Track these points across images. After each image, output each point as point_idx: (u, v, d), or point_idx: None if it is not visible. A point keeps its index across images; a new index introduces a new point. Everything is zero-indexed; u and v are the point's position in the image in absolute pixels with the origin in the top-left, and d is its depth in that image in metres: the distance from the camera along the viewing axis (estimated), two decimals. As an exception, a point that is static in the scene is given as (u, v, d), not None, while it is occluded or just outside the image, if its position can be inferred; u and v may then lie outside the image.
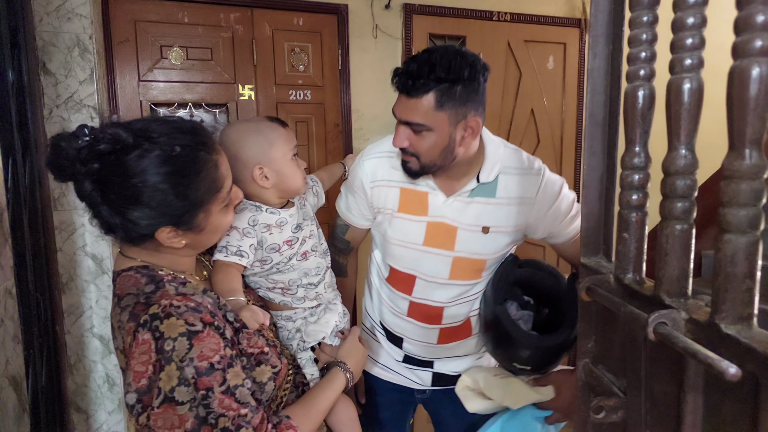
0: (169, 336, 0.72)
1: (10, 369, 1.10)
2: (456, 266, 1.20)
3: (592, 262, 0.66)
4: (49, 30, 1.79)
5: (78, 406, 1.94)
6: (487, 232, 1.17)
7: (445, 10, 2.43)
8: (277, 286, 1.12)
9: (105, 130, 0.75)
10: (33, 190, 1.62)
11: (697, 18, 0.45)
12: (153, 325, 0.72)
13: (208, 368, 0.74)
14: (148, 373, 0.72)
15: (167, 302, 0.74)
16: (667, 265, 0.50)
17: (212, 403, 0.73)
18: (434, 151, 1.07)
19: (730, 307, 0.43)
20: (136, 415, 0.73)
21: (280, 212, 1.09)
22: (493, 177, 1.16)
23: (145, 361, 0.72)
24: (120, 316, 0.77)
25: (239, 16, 2.17)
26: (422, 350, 1.32)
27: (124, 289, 0.80)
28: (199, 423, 0.72)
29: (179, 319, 0.74)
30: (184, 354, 0.72)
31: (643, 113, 0.54)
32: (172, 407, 0.71)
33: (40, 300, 1.59)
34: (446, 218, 1.18)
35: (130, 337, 0.73)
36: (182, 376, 0.72)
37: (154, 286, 0.79)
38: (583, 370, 0.69)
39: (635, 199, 0.56)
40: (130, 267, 0.82)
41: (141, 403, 0.72)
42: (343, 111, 2.37)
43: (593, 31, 0.63)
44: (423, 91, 1.01)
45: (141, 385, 0.72)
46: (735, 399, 0.45)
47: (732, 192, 0.41)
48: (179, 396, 0.72)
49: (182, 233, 0.82)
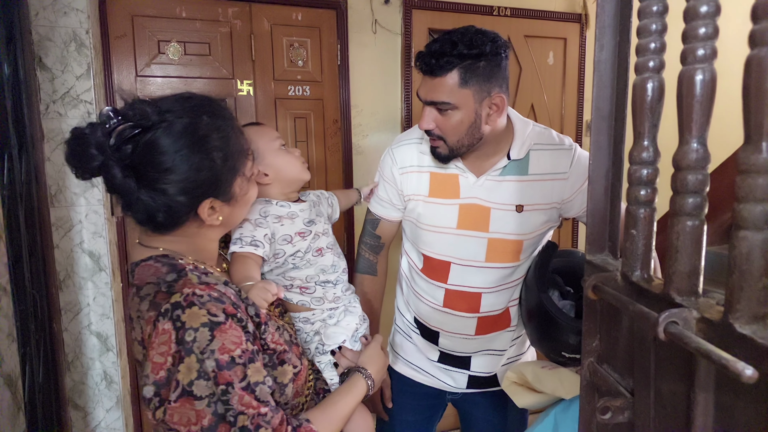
0: (190, 326, 0.69)
1: (5, 367, 1.08)
2: (492, 248, 1.17)
3: (598, 260, 0.65)
4: (45, 24, 1.77)
5: (75, 404, 1.93)
6: (521, 210, 1.15)
7: (445, 5, 2.41)
8: (294, 284, 1.10)
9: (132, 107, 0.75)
10: (29, 186, 1.60)
11: (710, 6, 0.44)
12: (174, 314, 0.70)
13: (229, 362, 0.71)
14: (167, 365, 0.69)
15: (190, 291, 0.72)
16: (677, 263, 0.49)
17: (232, 399, 0.70)
18: (461, 129, 1.07)
19: (745, 306, 0.41)
20: (153, 409, 0.70)
21: (291, 205, 1.10)
22: (524, 154, 1.15)
23: (164, 352, 0.69)
24: (139, 306, 0.74)
25: (237, 11, 2.15)
26: (459, 344, 1.27)
27: (143, 278, 0.77)
28: (217, 420, 0.69)
29: (201, 309, 0.70)
30: (205, 346, 0.69)
31: (652, 106, 0.53)
32: (189, 401, 0.68)
33: (37, 297, 1.57)
34: (479, 199, 1.17)
35: (149, 326, 0.71)
36: (202, 369, 0.69)
37: (175, 274, 0.76)
38: (587, 369, 0.68)
39: (644, 194, 0.54)
40: (149, 257, 0.80)
41: (158, 396, 0.69)
42: (342, 107, 2.35)
43: (600, 22, 0.61)
44: (447, 69, 1.02)
45: (159, 377, 0.69)
46: (749, 400, 0.43)
47: (748, 187, 0.40)
48: (198, 390, 0.68)
49: (220, 205, 0.81)
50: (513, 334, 1.30)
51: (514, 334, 1.30)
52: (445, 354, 1.31)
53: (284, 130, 2.29)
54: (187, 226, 0.81)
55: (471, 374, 1.31)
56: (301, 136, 2.33)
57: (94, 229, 1.89)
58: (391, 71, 2.40)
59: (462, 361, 1.30)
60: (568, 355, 1.11)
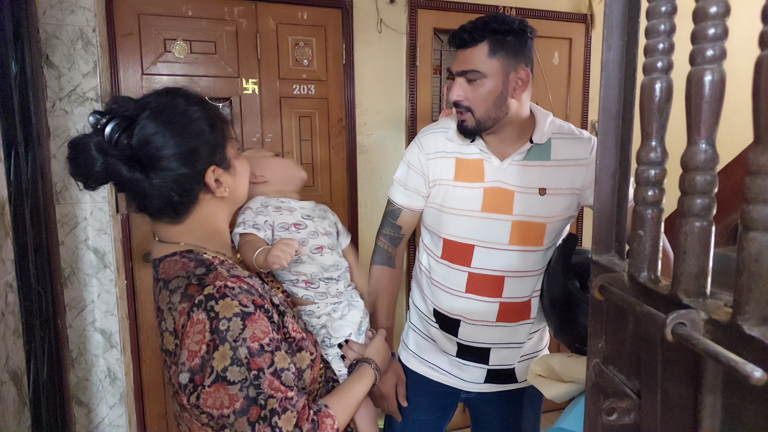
0: (224, 316, 0.74)
1: (11, 363, 1.09)
2: (516, 230, 1.21)
3: (605, 260, 0.65)
4: (52, 22, 1.78)
5: (79, 400, 1.94)
6: (544, 194, 1.20)
7: (450, 4, 2.41)
8: (300, 278, 1.14)
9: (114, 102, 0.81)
10: (35, 183, 1.61)
11: (720, 7, 0.44)
12: (208, 305, 0.74)
13: (259, 350, 0.76)
14: (202, 352, 0.73)
15: (222, 283, 0.76)
16: (685, 264, 0.48)
17: (263, 383, 0.75)
18: (489, 100, 1.14)
19: (754, 308, 0.41)
20: (187, 394, 0.74)
21: (291, 201, 1.18)
22: (546, 139, 1.20)
23: (199, 340, 0.73)
24: (170, 298, 0.78)
25: (243, 10, 2.15)
26: (479, 333, 1.27)
27: (170, 273, 0.81)
28: (248, 404, 0.74)
29: (234, 300, 0.75)
30: (237, 334, 0.74)
31: (660, 107, 0.53)
32: (223, 386, 0.73)
33: (42, 293, 1.58)
34: (503, 183, 1.21)
35: (183, 317, 0.74)
36: (235, 356, 0.73)
37: (204, 268, 0.80)
38: (593, 370, 0.68)
39: (651, 195, 0.54)
40: (173, 252, 0.84)
41: (193, 382, 0.73)
42: (347, 106, 2.35)
43: (608, 22, 0.61)
44: (477, 40, 1.11)
45: (194, 364, 0.73)
46: (757, 402, 0.43)
47: (758, 188, 0.39)
48: (231, 376, 0.73)
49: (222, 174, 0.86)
50: (531, 327, 1.30)
51: (533, 327, 1.30)
52: (464, 347, 1.30)
53: (289, 129, 2.29)
54: (200, 204, 0.86)
55: (490, 368, 1.31)
56: (306, 134, 2.33)
57: (98, 226, 1.90)
58: (396, 70, 2.40)
59: (481, 354, 1.30)
60: None
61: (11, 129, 1.49)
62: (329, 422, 0.84)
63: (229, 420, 0.74)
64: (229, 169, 0.88)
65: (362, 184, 2.42)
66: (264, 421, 0.74)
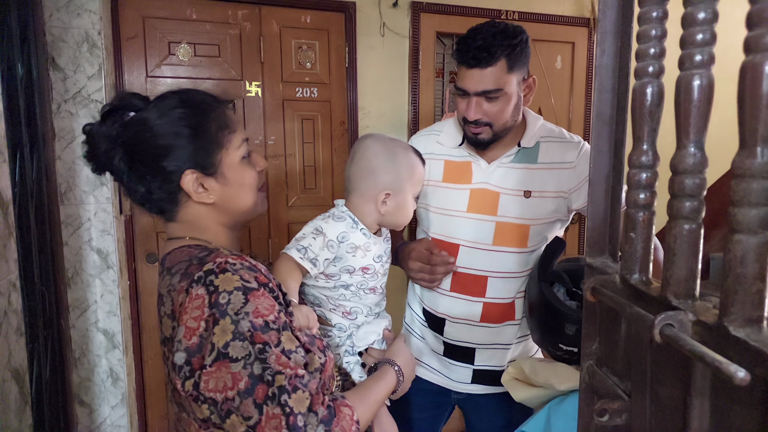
0: (224, 289, 0.69)
1: (13, 362, 1.10)
2: (499, 231, 1.23)
3: (598, 262, 0.65)
4: (58, 25, 1.80)
5: (82, 400, 1.95)
6: (528, 196, 1.22)
7: (452, 8, 2.42)
8: (338, 309, 1.08)
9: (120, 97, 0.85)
10: (40, 184, 1.63)
11: (708, 13, 0.44)
12: (207, 279, 0.70)
13: (263, 326, 0.70)
14: (200, 330, 0.68)
15: (222, 260, 0.73)
16: (674, 266, 0.49)
17: (269, 358, 0.68)
18: (507, 112, 1.16)
19: (740, 310, 0.42)
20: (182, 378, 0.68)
21: (372, 237, 1.08)
22: (534, 143, 1.23)
23: (197, 316, 0.69)
24: (170, 281, 0.76)
25: (247, 13, 2.17)
26: (464, 333, 1.29)
27: (174, 261, 0.81)
28: (253, 382, 0.67)
29: (234, 275, 0.71)
30: (239, 308, 0.69)
31: (651, 111, 0.53)
32: (225, 365, 0.67)
33: (46, 293, 1.60)
34: (489, 184, 1.24)
35: (182, 294, 0.71)
36: (237, 330, 0.68)
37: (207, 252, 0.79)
38: (587, 372, 0.68)
39: (642, 198, 0.55)
40: (181, 246, 0.84)
41: (189, 365, 0.68)
42: (350, 109, 2.36)
43: (601, 27, 0.61)
44: (497, 58, 1.10)
45: (191, 344, 0.68)
46: (744, 404, 0.43)
47: (743, 191, 0.40)
48: (233, 352, 0.67)
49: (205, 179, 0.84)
50: (518, 330, 1.31)
51: (520, 330, 1.31)
52: (450, 346, 1.32)
53: (291, 132, 2.30)
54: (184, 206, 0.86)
55: (475, 368, 1.32)
56: (308, 137, 2.34)
57: (102, 227, 1.91)
58: (399, 74, 2.41)
59: (466, 354, 1.31)
60: (565, 348, 1.12)
61: (17, 130, 1.51)
62: (347, 411, 0.78)
63: (234, 404, 0.67)
64: (216, 176, 0.85)
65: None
66: (272, 400, 0.67)
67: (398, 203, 1.07)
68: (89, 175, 1.88)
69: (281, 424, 0.67)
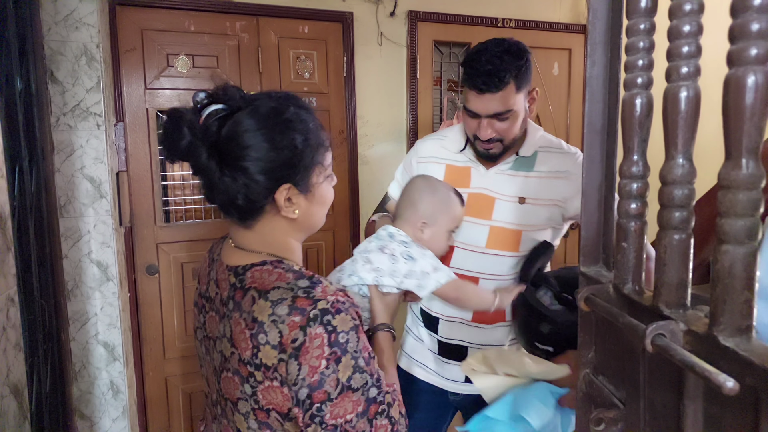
0: (342, 330, 0.75)
1: (12, 377, 1.10)
2: (493, 235, 1.28)
3: (592, 272, 0.66)
4: (57, 39, 1.82)
5: (82, 413, 1.95)
6: (523, 202, 1.27)
7: (450, 17, 2.44)
8: None
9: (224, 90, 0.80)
10: (39, 197, 1.63)
11: (693, 26, 0.45)
12: (324, 319, 0.74)
13: (369, 357, 0.79)
14: (321, 368, 0.73)
15: (333, 298, 0.76)
16: (665, 276, 0.49)
17: (382, 384, 0.80)
18: (516, 128, 1.22)
19: (729, 319, 0.42)
20: (304, 411, 0.74)
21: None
22: (531, 152, 1.28)
23: (318, 355, 0.73)
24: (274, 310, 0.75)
25: (245, 25, 2.19)
26: (456, 331, 1.34)
27: (265, 283, 0.78)
28: (368, 404, 0.77)
29: (347, 315, 0.76)
30: (355, 346, 0.76)
31: (640, 121, 0.54)
32: (348, 395, 0.75)
33: (45, 307, 1.60)
34: (486, 189, 1.30)
35: (295, 331, 0.73)
36: (357, 364, 0.76)
37: (307, 281, 0.78)
38: (583, 380, 0.68)
39: (634, 208, 0.55)
40: (262, 261, 0.82)
41: (310, 399, 0.74)
42: (348, 118, 2.38)
43: (591, 38, 0.62)
44: (507, 82, 1.14)
45: (314, 380, 0.73)
46: (735, 411, 0.44)
47: (729, 202, 0.40)
48: (354, 383, 0.76)
49: (297, 196, 0.83)
50: (509, 331, 1.34)
51: (512, 333, 1.34)
52: (443, 344, 1.37)
53: (290, 142, 2.31)
54: (266, 217, 0.84)
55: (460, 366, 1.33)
56: (307, 147, 2.35)
57: (102, 239, 1.92)
58: (397, 82, 2.42)
59: (459, 352, 1.35)
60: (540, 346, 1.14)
61: (16, 144, 1.51)
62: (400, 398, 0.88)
63: (351, 424, 0.76)
64: (307, 193, 0.85)
65: (363, 195, 2.43)
66: (381, 415, 0.79)
67: (434, 233, 1.17)
68: (88, 188, 1.89)
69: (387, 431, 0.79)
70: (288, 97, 0.84)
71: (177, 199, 2.24)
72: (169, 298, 2.22)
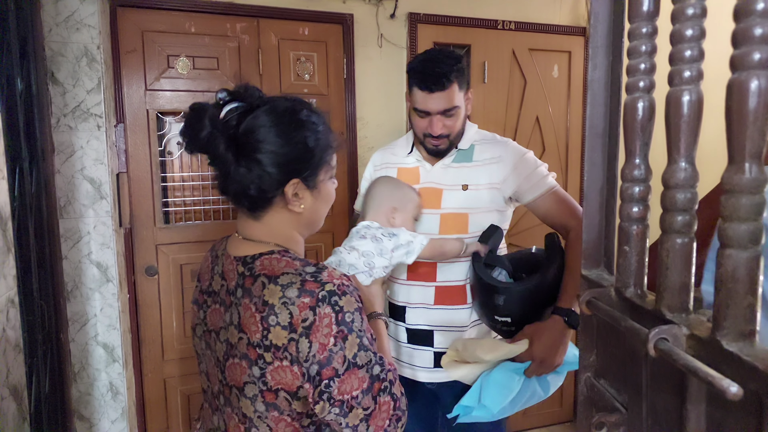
0: (348, 310, 0.80)
1: (11, 379, 1.10)
2: (444, 221, 1.43)
3: (593, 275, 0.66)
4: (58, 40, 1.81)
5: (81, 415, 1.94)
6: (466, 189, 1.42)
7: (449, 19, 2.44)
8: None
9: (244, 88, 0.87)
10: (39, 198, 1.63)
11: (695, 30, 0.45)
12: (332, 300, 0.79)
13: (371, 338, 0.85)
14: (330, 345, 0.78)
15: (339, 281, 0.82)
16: (667, 279, 0.49)
17: (384, 362, 0.85)
18: (460, 124, 1.39)
19: (732, 324, 0.42)
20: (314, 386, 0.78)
21: None
22: (468, 145, 1.45)
23: (327, 333, 0.78)
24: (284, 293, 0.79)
25: (245, 26, 2.19)
26: (423, 316, 1.44)
27: (274, 269, 0.83)
28: (372, 381, 0.82)
29: (351, 297, 0.82)
30: (360, 326, 0.82)
31: (642, 125, 0.54)
32: (354, 372, 0.80)
33: (45, 308, 1.59)
34: (433, 183, 1.45)
35: (305, 311, 0.78)
36: (361, 343, 0.81)
37: (314, 267, 0.84)
38: (584, 384, 0.68)
39: (636, 211, 0.55)
40: (270, 251, 0.87)
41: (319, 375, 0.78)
42: (348, 119, 2.37)
43: (593, 42, 0.62)
44: (452, 81, 1.31)
45: (323, 357, 0.78)
46: (738, 416, 0.43)
47: (732, 206, 0.40)
48: (359, 360, 0.81)
49: (304, 191, 0.89)
50: (471, 313, 1.44)
51: (473, 314, 1.44)
52: (411, 332, 1.46)
53: (290, 143, 2.31)
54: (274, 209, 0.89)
55: (435, 351, 1.43)
56: (307, 148, 2.35)
57: (101, 240, 1.92)
58: (397, 84, 2.42)
59: (426, 337, 1.44)
60: (500, 319, 1.29)
61: (16, 145, 1.51)
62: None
63: (357, 400, 0.81)
64: (313, 189, 0.91)
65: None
66: (384, 392, 0.84)
67: (404, 219, 1.31)
68: (88, 189, 1.89)
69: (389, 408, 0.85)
70: (302, 101, 0.92)
71: (177, 200, 2.24)
72: (168, 299, 2.21)
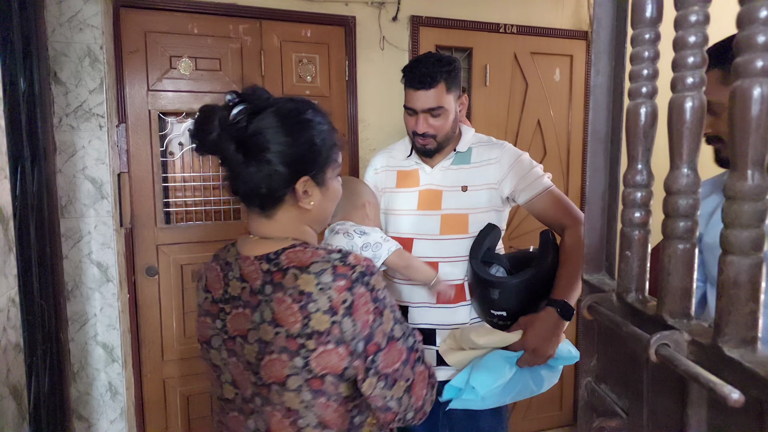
0: (378, 288, 0.85)
1: (11, 378, 1.10)
2: (445, 222, 1.46)
3: (595, 279, 0.66)
4: (61, 40, 1.82)
5: (80, 415, 1.94)
6: (465, 190, 1.46)
7: (452, 22, 2.44)
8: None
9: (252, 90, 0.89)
10: (40, 198, 1.63)
11: (698, 37, 0.45)
12: (365, 279, 0.83)
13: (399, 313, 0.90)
14: (371, 321, 0.82)
15: (366, 263, 0.86)
16: (669, 285, 0.49)
17: (415, 333, 0.91)
18: (447, 126, 1.42)
19: (733, 330, 0.42)
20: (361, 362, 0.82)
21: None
22: (466, 148, 1.50)
23: (366, 310, 0.82)
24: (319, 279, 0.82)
25: (248, 28, 2.19)
26: (425, 316, 1.47)
27: (302, 260, 0.85)
28: (408, 352, 0.87)
29: (378, 276, 0.87)
30: (391, 302, 0.87)
31: (645, 131, 0.54)
32: (393, 344, 0.85)
33: (45, 307, 1.59)
34: (433, 185, 1.49)
35: (343, 293, 0.81)
36: (395, 316, 0.87)
37: (339, 253, 0.87)
38: (585, 389, 0.68)
39: (638, 216, 0.55)
40: (291, 245, 0.89)
41: (365, 352, 0.82)
42: (350, 121, 2.38)
43: (595, 47, 0.62)
44: (438, 81, 1.35)
45: (366, 334, 0.82)
46: (739, 422, 0.43)
47: (734, 213, 0.40)
48: (396, 333, 0.86)
49: (314, 188, 0.91)
50: (471, 310, 1.47)
51: (472, 312, 1.47)
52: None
53: (292, 145, 2.31)
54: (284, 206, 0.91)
55: (438, 350, 1.44)
56: (309, 150, 2.35)
57: (102, 240, 1.92)
58: (398, 87, 2.39)
59: (429, 336, 1.46)
60: (495, 313, 1.33)
61: (18, 144, 1.51)
62: None
63: (399, 372, 0.85)
64: (322, 187, 0.93)
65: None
66: (418, 361, 0.89)
67: (375, 212, 1.39)
68: (90, 189, 1.89)
69: (426, 376, 0.90)
70: (307, 102, 0.94)
71: (178, 200, 2.24)
72: (168, 299, 2.21)
